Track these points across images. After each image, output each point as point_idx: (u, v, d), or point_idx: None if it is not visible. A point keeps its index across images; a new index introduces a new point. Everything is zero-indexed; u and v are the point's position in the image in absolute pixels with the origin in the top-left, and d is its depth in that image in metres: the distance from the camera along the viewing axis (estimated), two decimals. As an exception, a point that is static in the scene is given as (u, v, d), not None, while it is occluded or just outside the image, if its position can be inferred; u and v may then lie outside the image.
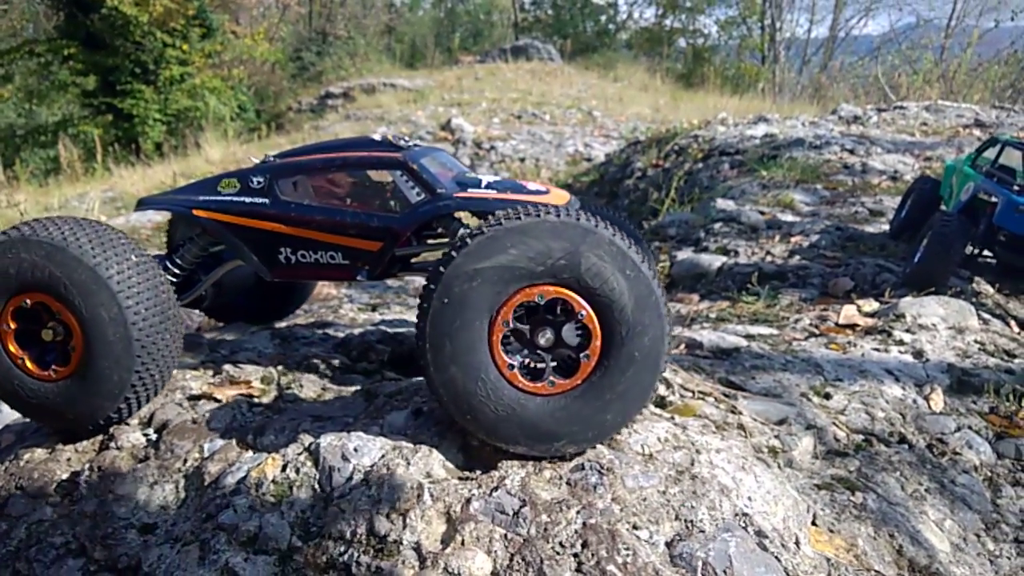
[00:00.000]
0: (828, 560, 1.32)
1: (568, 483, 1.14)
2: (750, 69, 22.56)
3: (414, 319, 1.13)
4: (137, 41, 14.45)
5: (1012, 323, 2.76)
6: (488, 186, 1.50)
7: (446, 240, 1.55)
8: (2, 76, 15.33)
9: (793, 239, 3.65)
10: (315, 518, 1.09)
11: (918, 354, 2.34)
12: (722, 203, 4.40)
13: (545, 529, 1.06)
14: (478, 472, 1.16)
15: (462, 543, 1.03)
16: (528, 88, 16.49)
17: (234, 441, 1.26)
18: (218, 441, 1.26)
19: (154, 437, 1.32)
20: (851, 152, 5.61)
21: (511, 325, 1.15)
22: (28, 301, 1.27)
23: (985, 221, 2.84)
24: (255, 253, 1.45)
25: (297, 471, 1.15)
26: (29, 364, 1.30)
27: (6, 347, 1.30)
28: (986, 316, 2.74)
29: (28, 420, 1.49)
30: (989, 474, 1.87)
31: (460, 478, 1.14)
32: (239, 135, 13.39)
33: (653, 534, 1.11)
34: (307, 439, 1.20)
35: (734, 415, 1.67)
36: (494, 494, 1.10)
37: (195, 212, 1.45)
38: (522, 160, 10.59)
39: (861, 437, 1.86)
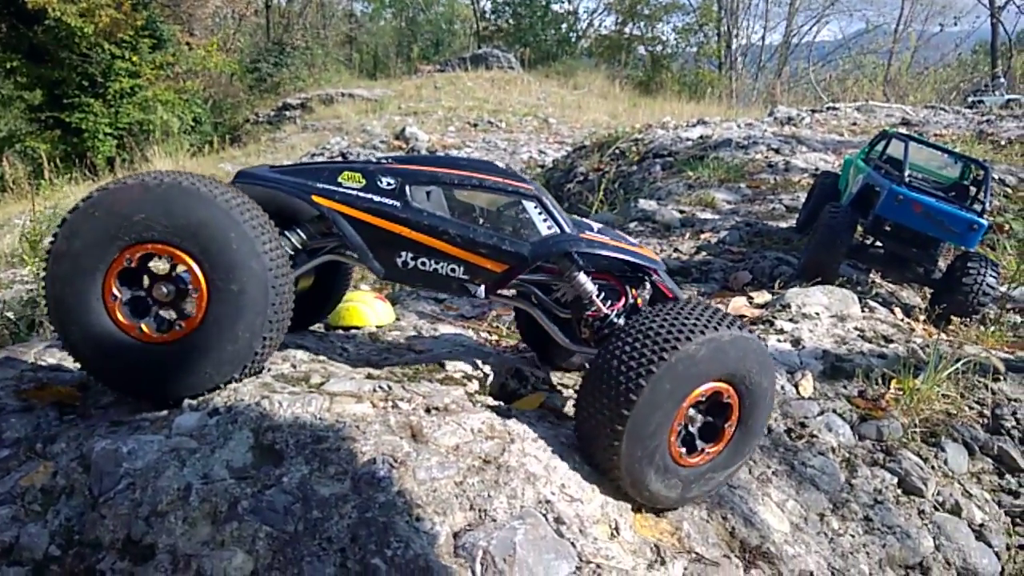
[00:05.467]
0: (648, 544, 1.32)
1: (353, 478, 1.12)
2: (707, 75, 23.08)
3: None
4: (84, 53, 14.07)
5: (897, 310, 2.84)
6: (600, 231, 1.59)
7: (556, 274, 1.60)
8: (-58, 92, 14.82)
9: (703, 236, 3.70)
10: (80, 526, 1.05)
11: (796, 342, 2.37)
12: (644, 203, 4.46)
13: (315, 525, 1.03)
14: (261, 470, 1.12)
15: (222, 543, 1.00)
16: (486, 96, 16.54)
17: (22, 450, 1.20)
18: (5, 451, 1.21)
19: (-57, 448, 1.26)
20: (776, 151, 5.74)
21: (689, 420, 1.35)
22: (131, 259, 1.18)
23: (873, 212, 2.93)
24: (372, 252, 1.45)
25: (67, 478, 1.11)
26: (146, 329, 1.20)
27: (116, 319, 1.19)
28: (873, 304, 2.80)
29: None
30: (847, 455, 1.89)
31: (239, 478, 1.10)
32: (190, 147, 13.11)
33: (437, 525, 1.09)
34: (86, 445, 1.16)
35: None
36: (267, 492, 1.07)
37: (315, 198, 1.41)
38: (477, 167, 10.57)
39: (719, 424, 1.87)
